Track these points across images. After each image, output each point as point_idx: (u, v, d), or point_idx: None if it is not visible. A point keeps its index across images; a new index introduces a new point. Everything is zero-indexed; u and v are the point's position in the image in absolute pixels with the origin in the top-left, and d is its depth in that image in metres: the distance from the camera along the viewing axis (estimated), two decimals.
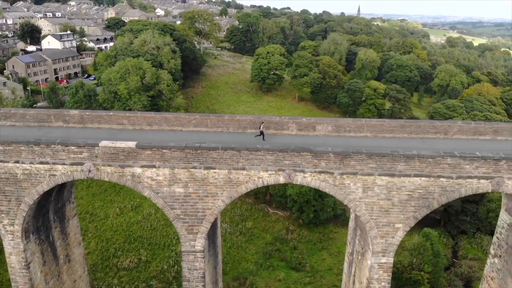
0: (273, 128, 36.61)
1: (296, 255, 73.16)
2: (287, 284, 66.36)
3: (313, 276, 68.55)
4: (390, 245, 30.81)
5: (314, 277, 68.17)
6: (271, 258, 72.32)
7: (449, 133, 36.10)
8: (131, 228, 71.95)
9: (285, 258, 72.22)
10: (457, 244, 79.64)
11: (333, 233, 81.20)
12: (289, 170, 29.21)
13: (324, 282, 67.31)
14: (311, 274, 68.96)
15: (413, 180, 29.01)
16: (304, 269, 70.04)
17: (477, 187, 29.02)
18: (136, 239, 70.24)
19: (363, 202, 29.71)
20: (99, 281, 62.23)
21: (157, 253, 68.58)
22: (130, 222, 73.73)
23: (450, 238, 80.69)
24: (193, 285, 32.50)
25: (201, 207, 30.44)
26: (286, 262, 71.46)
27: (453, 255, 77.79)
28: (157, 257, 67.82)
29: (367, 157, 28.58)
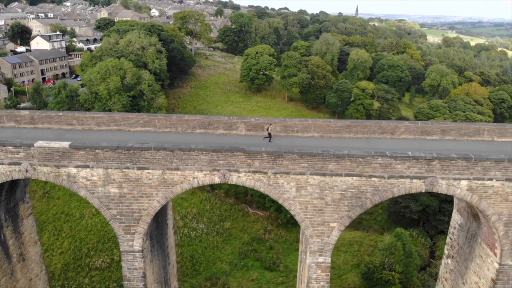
0: (222, 128, 36.68)
1: (271, 255, 73.20)
2: (260, 284, 66.40)
3: (287, 276, 68.57)
4: (327, 244, 30.85)
5: (288, 277, 68.17)
6: (246, 258, 72.42)
7: (396, 133, 36.10)
8: (105, 228, 72.07)
9: (261, 258, 72.27)
10: (435, 244, 79.40)
11: None
12: (223, 170, 29.29)
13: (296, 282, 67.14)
14: (284, 274, 69.00)
15: (344, 180, 29.05)
16: (278, 269, 70.07)
17: (410, 187, 29.01)
18: (110, 239, 70.37)
19: (297, 201, 29.77)
20: (70, 281, 62.50)
21: None
22: (105, 222, 73.68)
23: (428, 238, 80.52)
24: (133, 284, 32.60)
25: (136, 208, 30.54)
26: (261, 262, 71.52)
27: (430, 255, 77.64)
28: None
29: (298, 156, 28.63)
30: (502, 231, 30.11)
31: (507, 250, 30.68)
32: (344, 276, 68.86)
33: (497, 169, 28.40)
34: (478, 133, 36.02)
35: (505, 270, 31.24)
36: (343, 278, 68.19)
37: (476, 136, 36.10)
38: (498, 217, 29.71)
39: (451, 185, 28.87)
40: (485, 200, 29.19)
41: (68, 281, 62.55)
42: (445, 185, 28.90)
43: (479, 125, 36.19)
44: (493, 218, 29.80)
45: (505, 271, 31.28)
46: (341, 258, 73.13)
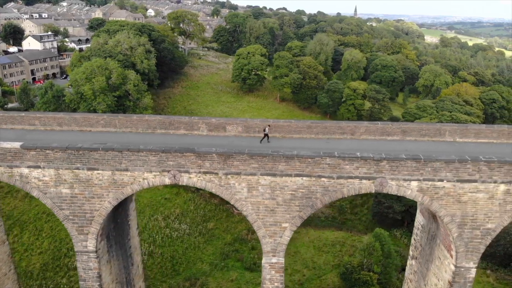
0: (183, 129, 36.63)
1: (253, 255, 73.00)
2: (239, 284, 66.29)
3: None
4: (279, 245, 30.75)
5: None
6: (227, 259, 72.31)
7: (356, 134, 35.98)
8: None
9: (242, 258, 72.12)
10: None
11: (295, 233, 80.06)
12: (173, 171, 29.21)
13: None
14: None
15: (295, 180, 28.94)
16: (258, 269, 69.66)
17: (360, 187, 28.89)
18: None
19: (249, 201, 29.67)
20: (48, 280, 62.51)
21: None
22: None
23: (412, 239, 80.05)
24: (89, 284, 32.57)
25: (88, 208, 30.48)
26: (242, 263, 71.34)
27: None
28: None
29: (249, 157, 28.53)
30: (456, 233, 29.96)
31: (462, 252, 30.53)
32: (324, 276, 68.72)
33: (448, 170, 28.24)
34: (439, 134, 35.86)
35: (461, 272, 31.09)
36: (323, 279, 68.06)
37: (438, 136, 35.95)
38: (451, 219, 29.55)
39: (401, 186, 28.73)
40: (437, 201, 29.04)
41: (46, 280, 62.55)
42: (395, 186, 28.77)
43: (440, 126, 36.05)
44: (445, 220, 29.66)
45: (461, 274, 31.12)
46: (322, 258, 73.04)
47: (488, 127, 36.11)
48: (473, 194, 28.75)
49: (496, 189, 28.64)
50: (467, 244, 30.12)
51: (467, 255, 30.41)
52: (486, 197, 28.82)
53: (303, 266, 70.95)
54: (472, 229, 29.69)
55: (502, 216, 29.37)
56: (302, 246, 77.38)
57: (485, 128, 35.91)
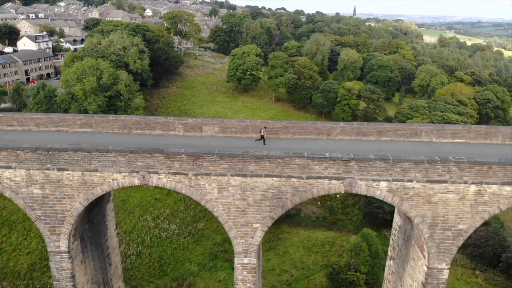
0: (159, 129, 36.58)
1: None
2: (227, 284, 66.19)
3: None
4: (251, 245, 30.69)
5: None
6: (216, 259, 72.27)
7: (332, 134, 35.90)
8: None
9: (230, 259, 71.88)
10: None
11: (284, 233, 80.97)
12: (143, 172, 29.17)
13: (264, 283, 66.83)
14: None
15: (265, 180, 28.89)
16: None
17: (329, 187, 28.83)
18: None
19: (220, 202, 29.62)
20: (35, 280, 62.55)
21: None
22: None
23: None
24: (62, 284, 32.59)
25: (60, 209, 30.46)
26: (231, 263, 71.14)
27: None
28: None
29: (218, 157, 28.49)
30: (427, 234, 29.87)
31: (434, 253, 30.43)
32: (312, 277, 68.66)
33: (417, 171, 28.16)
34: (416, 134, 35.77)
35: (433, 273, 30.98)
36: (311, 279, 68.00)
37: (414, 137, 35.85)
38: (421, 219, 29.47)
39: (370, 186, 28.66)
40: (407, 202, 28.96)
41: (33, 280, 62.59)
42: (364, 186, 28.70)
43: (416, 126, 35.95)
44: (416, 220, 29.58)
45: (433, 275, 31.02)
46: (311, 258, 72.96)
47: (465, 127, 36.01)
48: (444, 194, 28.66)
49: (467, 190, 28.55)
50: (439, 245, 30.01)
51: (439, 256, 30.30)
52: (457, 198, 28.73)
53: (291, 266, 70.88)
54: (443, 230, 29.59)
55: (473, 217, 29.27)
56: (292, 246, 77.32)
57: (462, 129, 35.80)
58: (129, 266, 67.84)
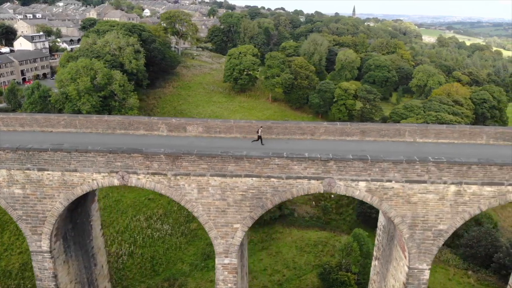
0: (143, 129, 36.58)
1: None
2: None
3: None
4: (232, 246, 30.67)
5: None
6: (208, 259, 72.14)
7: (316, 134, 35.88)
8: None
9: None
10: None
11: (278, 233, 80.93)
12: (122, 172, 29.18)
13: (255, 283, 67.06)
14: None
15: (245, 181, 28.86)
16: None
17: (309, 187, 28.81)
18: None
19: (200, 203, 29.61)
20: (26, 280, 62.65)
21: None
22: None
23: None
24: (45, 284, 32.61)
25: (41, 209, 30.48)
26: None
27: None
28: None
29: (197, 158, 28.48)
30: (407, 234, 29.84)
31: (415, 253, 30.40)
32: (303, 277, 68.64)
33: (396, 171, 28.14)
34: (399, 134, 35.74)
35: (414, 274, 30.96)
36: (302, 279, 67.98)
37: (397, 137, 35.82)
38: (401, 219, 29.44)
39: (349, 186, 28.65)
40: (386, 202, 28.94)
41: (24, 280, 62.68)
42: (343, 186, 28.68)
43: (400, 126, 35.92)
44: (396, 220, 29.56)
45: (414, 275, 31.00)
46: (303, 258, 72.92)
47: (449, 128, 35.97)
48: (423, 195, 28.63)
49: (447, 190, 28.52)
50: (419, 245, 29.99)
51: (419, 256, 30.27)
52: (437, 198, 28.70)
53: (283, 266, 70.85)
54: (423, 230, 29.56)
55: (454, 217, 29.24)
56: (284, 246, 77.30)
57: (446, 129, 35.76)
58: (121, 266, 67.89)
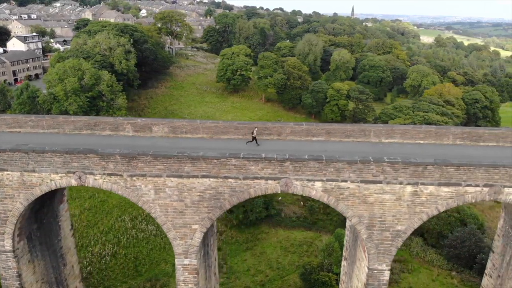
0: (108, 129, 36.63)
1: (219, 256, 72.74)
2: None
3: (229, 277, 68.34)
4: (191, 247, 30.65)
5: (229, 278, 67.96)
6: None
7: (282, 135, 35.89)
8: None
9: None
10: None
11: (264, 234, 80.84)
12: (79, 172, 29.22)
13: (237, 283, 67.09)
14: (227, 275, 68.74)
15: (202, 181, 28.87)
16: (221, 270, 69.68)
17: (266, 187, 28.82)
18: None
19: (157, 204, 29.63)
20: None
21: None
22: None
23: None
24: (10, 283, 32.75)
25: (2, 209, 30.55)
26: None
27: None
28: None
29: (153, 158, 28.49)
30: (365, 234, 29.81)
31: (374, 254, 30.36)
32: (286, 277, 68.56)
33: (351, 171, 28.12)
34: (364, 135, 35.71)
35: (374, 274, 30.92)
36: (285, 279, 67.91)
37: (362, 137, 35.78)
38: (358, 220, 29.42)
39: (306, 186, 28.64)
40: (343, 202, 28.93)
41: None
42: (300, 186, 28.67)
43: (365, 127, 35.89)
44: (353, 221, 29.54)
45: (374, 276, 30.97)
46: (287, 258, 72.84)
47: (415, 128, 35.94)
48: (379, 195, 28.60)
49: (403, 190, 28.49)
50: (378, 245, 29.96)
51: (378, 257, 30.24)
52: (393, 198, 28.67)
53: (267, 267, 70.79)
54: (381, 230, 29.53)
55: (411, 218, 29.20)
56: (269, 246, 77.24)
57: (411, 129, 35.73)
58: (104, 266, 67.85)
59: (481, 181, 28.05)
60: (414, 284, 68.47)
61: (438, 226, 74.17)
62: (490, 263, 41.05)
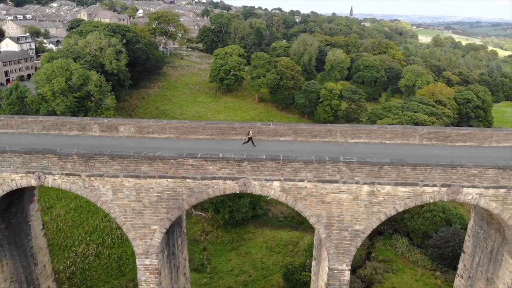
0: (76, 130, 36.68)
1: (203, 256, 72.94)
2: None
3: (212, 277, 68.38)
4: (151, 247, 30.67)
5: (212, 278, 68.01)
6: None
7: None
8: None
9: (191, 259, 71.78)
10: (373, 245, 78.91)
11: (250, 234, 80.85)
12: (38, 172, 29.26)
13: (220, 283, 67.14)
14: (210, 275, 68.79)
15: (159, 182, 28.88)
16: (205, 270, 69.83)
17: (224, 187, 28.81)
18: None
19: (115, 204, 29.65)
20: None
21: (57, 253, 68.89)
22: None
23: (367, 239, 79.85)
24: None
25: None
26: (191, 264, 71.06)
27: (366, 256, 77.09)
28: (55, 258, 68.03)
29: (110, 158, 28.51)
30: (324, 234, 29.80)
31: (333, 253, 30.34)
32: (270, 277, 68.59)
33: (308, 170, 28.10)
34: (331, 135, 35.69)
35: (334, 274, 30.89)
36: (268, 279, 67.93)
37: (329, 137, 35.77)
38: (317, 219, 29.40)
39: (264, 186, 28.63)
40: (300, 202, 28.91)
41: None
42: (258, 186, 28.67)
43: (331, 127, 35.86)
44: (312, 220, 29.54)
45: (334, 276, 30.94)
46: (272, 258, 72.87)
47: (380, 128, 35.90)
48: (336, 194, 28.58)
49: (360, 190, 28.46)
50: (337, 245, 29.93)
51: (338, 257, 30.21)
52: (350, 198, 28.64)
53: (251, 267, 70.83)
54: (340, 230, 29.50)
55: (369, 217, 29.16)
56: (255, 246, 77.28)
57: (377, 129, 35.70)
58: (87, 266, 67.94)
59: (438, 181, 27.99)
60: (397, 284, 68.38)
61: (423, 226, 73.94)
62: (461, 264, 41.05)
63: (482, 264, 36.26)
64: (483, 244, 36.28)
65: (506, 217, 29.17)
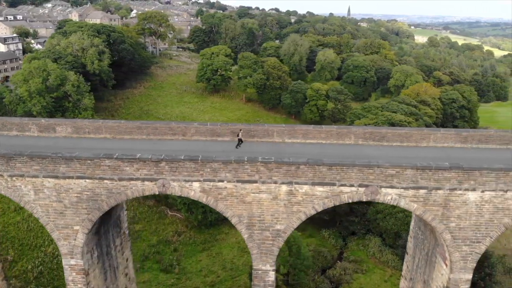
0: (15, 130, 36.65)
1: (173, 257, 72.85)
2: (150, 286, 66.21)
3: (180, 277, 68.31)
4: (75, 247, 30.59)
5: (180, 279, 67.94)
6: (146, 260, 72.02)
7: (187, 135, 35.77)
8: (7, 229, 72.51)
9: (161, 260, 71.95)
10: (346, 245, 78.71)
11: (223, 234, 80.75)
12: None
13: (188, 284, 67.10)
14: (178, 276, 68.71)
15: (78, 182, 28.78)
16: (173, 271, 69.74)
17: (143, 189, 28.69)
18: (9, 239, 70.75)
19: (38, 204, 29.57)
20: None
21: (26, 253, 68.99)
22: (9, 222, 74.32)
23: (340, 239, 79.75)
24: None
25: None
26: (160, 264, 71.20)
27: (338, 256, 76.91)
28: (24, 257, 68.23)
29: (29, 159, 28.44)
30: (246, 234, 29.65)
31: (257, 254, 30.07)
32: (238, 277, 68.48)
33: (227, 171, 27.96)
34: (268, 135, 35.52)
35: (259, 275, 30.91)
36: (236, 280, 67.85)
37: (266, 137, 35.60)
38: (238, 219, 29.26)
39: (184, 187, 28.50)
40: (222, 202, 28.76)
41: None
42: (177, 187, 28.53)
43: (268, 127, 35.68)
44: (233, 220, 29.39)
45: (259, 277, 30.98)
46: (242, 259, 72.73)
47: (316, 128, 35.71)
48: (256, 194, 28.43)
49: (278, 189, 28.30)
50: (260, 245, 29.79)
51: (261, 257, 30.08)
52: (270, 197, 28.49)
53: (220, 267, 70.78)
54: (261, 230, 29.36)
55: (290, 217, 29.00)
56: (227, 247, 77.19)
57: (313, 129, 35.50)
58: (55, 266, 67.93)
59: (355, 181, 27.81)
60: (365, 284, 68.12)
61: (395, 226, 73.63)
62: (405, 265, 40.83)
63: (421, 266, 36.05)
64: (421, 246, 36.07)
65: (429, 219, 28.95)
